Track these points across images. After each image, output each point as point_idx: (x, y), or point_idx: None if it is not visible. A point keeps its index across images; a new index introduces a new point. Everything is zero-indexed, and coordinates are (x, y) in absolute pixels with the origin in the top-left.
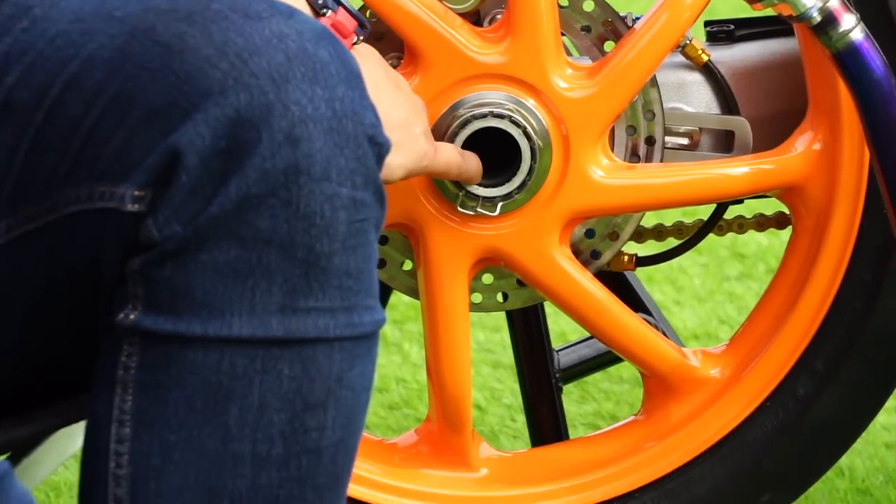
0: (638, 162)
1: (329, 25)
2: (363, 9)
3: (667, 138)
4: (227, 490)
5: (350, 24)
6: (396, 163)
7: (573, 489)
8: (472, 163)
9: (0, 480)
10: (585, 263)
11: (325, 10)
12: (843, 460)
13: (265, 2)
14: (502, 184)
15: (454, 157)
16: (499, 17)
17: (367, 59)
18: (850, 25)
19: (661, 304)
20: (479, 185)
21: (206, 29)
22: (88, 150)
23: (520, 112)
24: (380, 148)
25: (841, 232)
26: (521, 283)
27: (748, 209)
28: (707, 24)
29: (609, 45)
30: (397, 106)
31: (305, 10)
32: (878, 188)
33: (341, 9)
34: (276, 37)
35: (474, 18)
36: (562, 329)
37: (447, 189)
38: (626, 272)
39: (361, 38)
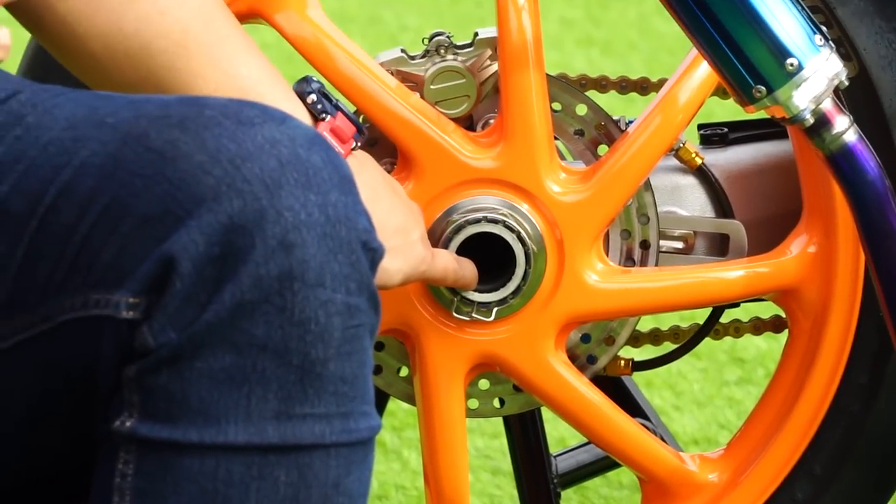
0: (633, 266)
1: (328, 130)
2: (356, 114)
3: (662, 242)
4: None
5: (349, 129)
6: (395, 268)
7: None
8: (468, 269)
9: None
10: (582, 368)
11: (324, 115)
12: None
13: (257, 107)
14: (497, 289)
15: (451, 264)
16: (492, 121)
17: (365, 164)
18: (844, 127)
19: (660, 410)
20: (475, 290)
21: (199, 135)
22: (83, 257)
23: (514, 217)
24: (374, 253)
25: (837, 335)
26: (517, 389)
27: (745, 313)
28: (700, 126)
29: (602, 149)
30: (395, 212)
31: (304, 115)
32: (874, 291)
33: (340, 114)
34: (268, 143)
35: (467, 123)
36: (560, 434)
37: (442, 295)
38: (623, 377)
39: (359, 143)
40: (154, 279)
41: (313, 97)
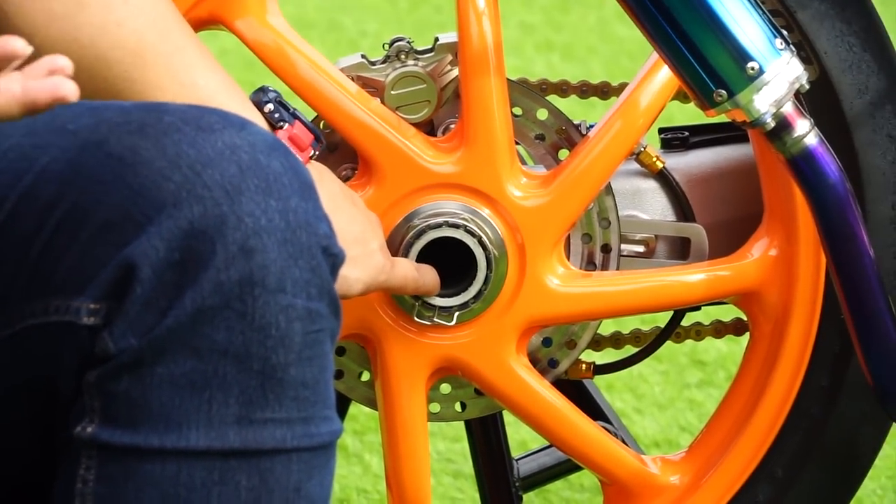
0: (594, 270)
1: (286, 139)
2: (317, 119)
3: (623, 246)
4: None
5: (307, 137)
6: (354, 277)
7: None
8: (428, 276)
9: None
10: (543, 372)
11: (281, 124)
12: None
13: (217, 113)
14: (458, 293)
15: (410, 272)
16: (452, 126)
17: (323, 175)
18: (805, 131)
19: (621, 412)
20: (436, 295)
21: (159, 141)
22: (43, 263)
23: (475, 221)
24: (334, 259)
25: (798, 338)
26: (479, 393)
27: (706, 316)
28: (661, 130)
29: (563, 153)
30: (354, 221)
31: (262, 124)
32: (835, 294)
33: (298, 122)
34: (228, 148)
35: (428, 128)
36: (522, 438)
37: (403, 300)
38: (584, 380)
39: (317, 151)
40: (114, 285)
41: (270, 106)
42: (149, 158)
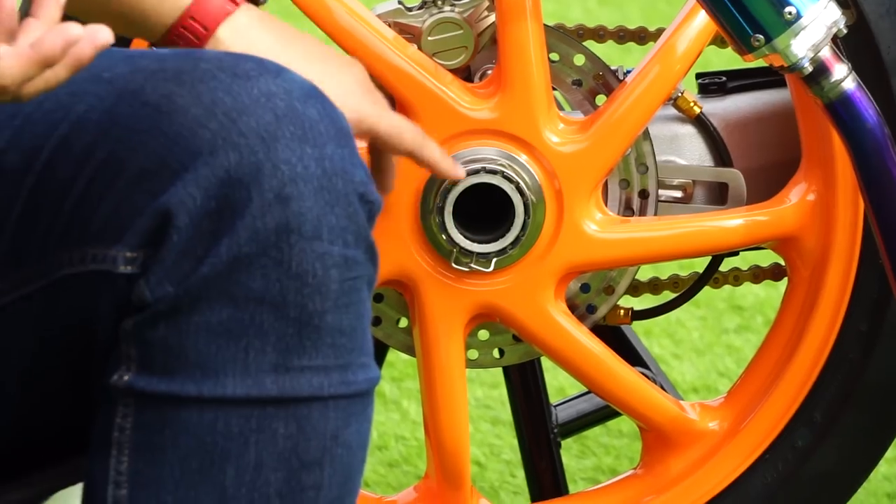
0: (632, 215)
1: None
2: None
3: (660, 191)
4: None
5: None
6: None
7: None
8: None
9: None
10: (581, 318)
11: None
12: None
13: (253, 60)
14: (496, 239)
15: (406, 124)
16: (489, 72)
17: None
18: (843, 75)
19: (659, 358)
20: (473, 241)
21: (195, 89)
22: (80, 212)
23: (512, 167)
24: (371, 206)
25: (837, 283)
26: (517, 339)
27: (744, 261)
28: (699, 76)
29: (601, 99)
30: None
31: None
32: (874, 238)
33: None
34: (264, 96)
35: (465, 74)
36: (560, 384)
37: (441, 245)
38: (622, 326)
39: None
40: (151, 233)
41: None
42: (184, 106)
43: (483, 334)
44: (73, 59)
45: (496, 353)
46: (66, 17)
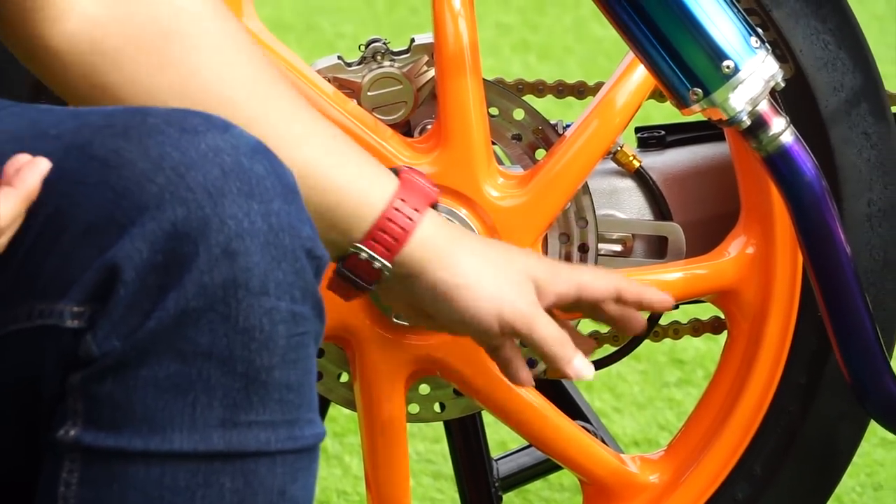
0: None
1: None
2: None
3: (600, 245)
4: None
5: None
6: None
7: None
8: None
9: None
10: None
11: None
12: None
13: (201, 116)
14: None
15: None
16: (429, 127)
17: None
18: (781, 129)
19: (600, 412)
20: None
21: (142, 143)
22: (27, 267)
23: (453, 222)
24: (318, 261)
25: (776, 336)
26: (458, 393)
27: (684, 314)
28: (638, 130)
29: (540, 153)
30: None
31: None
32: (813, 291)
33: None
34: (211, 151)
35: (405, 129)
36: (501, 438)
37: (381, 301)
38: (563, 380)
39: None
40: (98, 287)
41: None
42: (132, 160)
43: (424, 388)
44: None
45: (437, 407)
46: None
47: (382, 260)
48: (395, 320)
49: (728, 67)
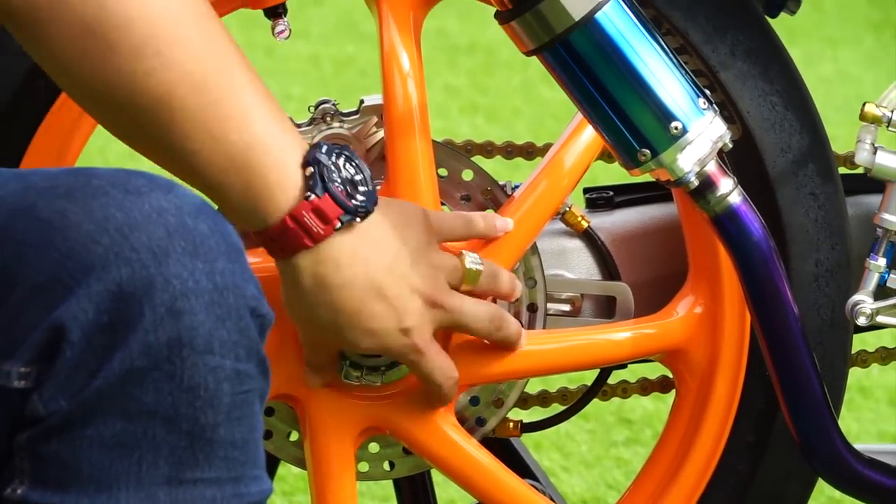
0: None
1: (309, 210)
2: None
3: (549, 305)
4: None
5: (333, 210)
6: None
7: None
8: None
9: None
10: (471, 431)
11: (308, 194)
12: None
13: (144, 176)
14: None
15: (446, 369)
16: (378, 187)
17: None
18: (728, 189)
19: (549, 471)
20: (363, 354)
21: (87, 205)
22: None
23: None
24: (262, 319)
25: (724, 394)
26: (407, 452)
27: (632, 374)
28: (586, 190)
29: None
30: (399, 278)
31: (296, 188)
32: (760, 350)
33: (327, 195)
34: (155, 211)
35: None
36: (450, 496)
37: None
38: (512, 439)
39: (353, 218)
40: (44, 348)
41: (310, 170)
42: (77, 222)
43: (373, 447)
44: None
45: (387, 466)
46: None
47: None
48: (345, 379)
49: (676, 128)
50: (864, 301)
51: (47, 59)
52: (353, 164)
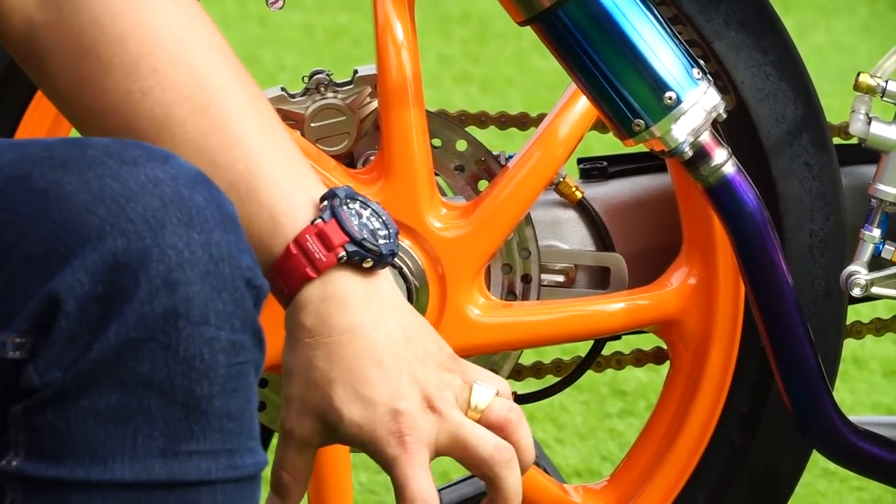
0: (514, 300)
1: (313, 234)
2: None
3: (543, 276)
4: None
5: (338, 237)
6: (348, 418)
7: None
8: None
9: None
10: None
11: (315, 219)
12: None
13: (140, 147)
14: None
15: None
16: (372, 158)
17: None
18: (722, 160)
19: (542, 442)
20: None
21: (83, 175)
22: None
23: None
24: (258, 291)
25: (718, 366)
26: None
27: (626, 345)
28: (580, 161)
29: (483, 184)
30: (387, 375)
31: (304, 214)
32: (755, 321)
33: (333, 220)
34: (151, 182)
35: (348, 160)
36: (444, 469)
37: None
38: None
39: (359, 257)
40: (39, 318)
41: (325, 203)
42: (72, 192)
43: None
44: None
45: None
46: None
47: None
48: None
49: (670, 99)
50: (858, 272)
51: (50, 87)
52: (377, 215)
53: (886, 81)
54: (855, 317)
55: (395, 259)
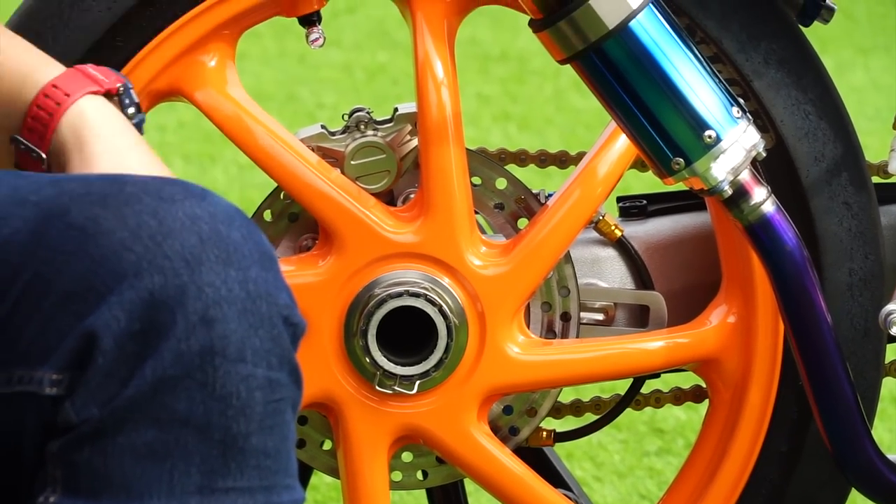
0: (554, 338)
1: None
2: (278, 190)
3: (582, 314)
4: None
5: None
6: None
7: None
8: None
9: None
10: (504, 440)
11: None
12: None
13: (179, 184)
14: (419, 362)
15: None
16: (412, 196)
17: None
18: (762, 198)
19: (581, 481)
20: (397, 363)
21: (120, 212)
22: (6, 334)
23: (435, 290)
24: (295, 328)
25: (757, 404)
26: (440, 461)
27: (665, 383)
28: (619, 199)
29: (522, 223)
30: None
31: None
32: (794, 360)
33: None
34: (189, 219)
35: (388, 198)
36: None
37: (365, 368)
38: (545, 448)
39: (125, 103)
40: (76, 355)
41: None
42: (110, 229)
43: (407, 456)
44: None
45: (420, 475)
46: None
47: (37, 149)
48: (378, 388)
49: (710, 137)
50: None
51: None
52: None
53: None
54: (894, 355)
55: (435, 296)
